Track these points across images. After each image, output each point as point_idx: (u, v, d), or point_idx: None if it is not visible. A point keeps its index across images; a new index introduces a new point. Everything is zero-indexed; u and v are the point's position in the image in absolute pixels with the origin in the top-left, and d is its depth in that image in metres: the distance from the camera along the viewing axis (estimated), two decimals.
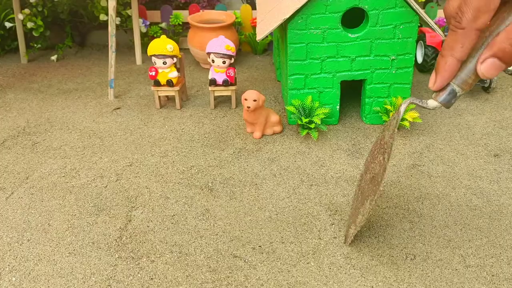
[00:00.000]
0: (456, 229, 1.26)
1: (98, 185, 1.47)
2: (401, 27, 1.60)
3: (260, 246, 1.21)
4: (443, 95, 0.78)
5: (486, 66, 0.64)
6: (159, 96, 1.92)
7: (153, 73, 1.86)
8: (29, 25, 2.33)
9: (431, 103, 0.84)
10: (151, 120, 1.86)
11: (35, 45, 2.47)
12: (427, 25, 1.61)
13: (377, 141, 1.14)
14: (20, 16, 2.30)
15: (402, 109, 0.98)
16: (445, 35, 2.12)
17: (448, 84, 0.75)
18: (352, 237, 1.17)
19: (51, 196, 1.42)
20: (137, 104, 1.99)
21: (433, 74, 0.75)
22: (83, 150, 1.66)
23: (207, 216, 1.32)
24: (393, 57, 1.65)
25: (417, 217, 1.31)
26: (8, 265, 1.17)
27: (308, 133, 1.68)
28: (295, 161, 1.56)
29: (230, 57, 1.83)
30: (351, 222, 1.18)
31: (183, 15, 2.51)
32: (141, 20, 2.42)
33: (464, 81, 0.73)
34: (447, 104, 0.81)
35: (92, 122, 1.85)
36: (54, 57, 2.48)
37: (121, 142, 1.71)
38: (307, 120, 1.63)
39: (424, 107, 0.88)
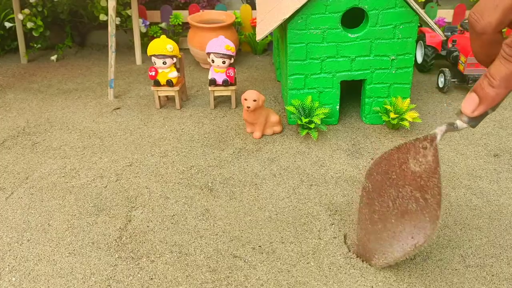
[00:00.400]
0: (456, 229, 1.26)
1: (98, 185, 1.47)
2: (401, 27, 1.60)
3: (260, 246, 1.21)
4: (476, 119, 0.75)
5: None
6: (159, 96, 1.92)
7: (153, 73, 1.86)
8: (29, 25, 2.33)
9: (460, 125, 0.81)
10: (151, 120, 1.86)
11: (35, 45, 2.47)
12: (427, 25, 1.61)
13: (389, 159, 1.03)
14: (20, 16, 2.30)
15: (438, 139, 0.92)
16: (445, 36, 2.12)
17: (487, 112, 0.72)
18: (380, 267, 1.12)
19: (51, 196, 1.42)
20: (137, 104, 1.99)
21: (473, 100, 0.70)
22: (83, 150, 1.66)
23: (207, 216, 1.32)
24: (393, 57, 1.65)
25: None
26: (8, 265, 1.17)
27: (308, 133, 1.68)
28: (295, 161, 1.57)
29: (230, 57, 1.83)
30: (372, 248, 1.10)
31: (183, 15, 2.51)
32: (141, 20, 2.42)
33: (498, 104, 0.70)
34: (475, 125, 0.78)
35: (92, 122, 1.85)
36: (54, 57, 2.48)
37: (121, 142, 1.71)
38: (307, 120, 1.63)
39: (454, 131, 0.85)
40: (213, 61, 1.84)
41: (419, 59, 2.21)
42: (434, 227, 0.95)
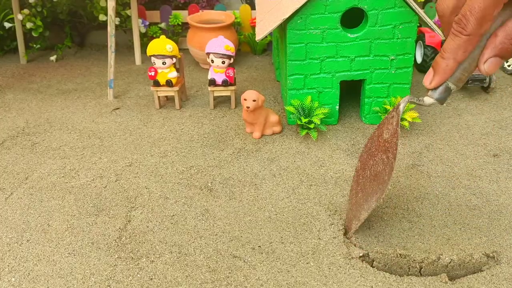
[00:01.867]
0: (455, 229, 1.26)
1: (98, 186, 1.47)
2: (401, 27, 1.60)
3: (259, 246, 1.21)
4: (439, 93, 0.84)
5: (489, 65, 0.70)
6: (158, 96, 1.92)
7: (153, 73, 1.86)
8: (29, 25, 2.33)
9: (427, 100, 0.88)
10: (150, 120, 1.86)
11: (35, 45, 2.47)
12: (426, 25, 1.61)
13: (372, 137, 1.16)
14: (20, 16, 2.30)
15: (401, 107, 1.02)
16: (445, 35, 2.13)
17: (447, 83, 0.81)
18: (354, 231, 1.21)
19: (51, 196, 1.42)
20: (137, 104, 1.99)
21: (430, 73, 0.79)
22: (83, 150, 1.66)
23: (206, 216, 1.32)
24: (393, 57, 1.65)
25: (416, 217, 1.31)
26: (8, 266, 1.17)
27: (307, 133, 1.68)
28: (294, 161, 1.57)
29: (229, 57, 1.83)
30: (352, 216, 1.22)
31: (183, 15, 2.51)
32: (140, 20, 2.42)
33: (458, 79, 0.78)
34: (442, 101, 0.86)
35: (91, 122, 1.85)
36: (53, 58, 2.47)
37: (121, 142, 1.71)
38: (306, 120, 1.63)
39: (421, 105, 0.92)
40: (212, 61, 1.84)
41: (419, 59, 2.21)
42: (389, 177, 1.05)
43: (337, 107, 1.75)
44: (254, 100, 1.60)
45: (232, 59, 1.85)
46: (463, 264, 1.14)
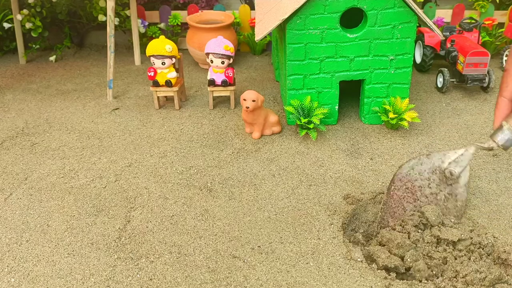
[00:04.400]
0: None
1: (97, 186, 1.47)
2: (400, 27, 1.60)
3: (259, 247, 1.21)
4: (498, 135, 0.91)
5: None
6: (158, 97, 1.92)
7: (152, 74, 1.86)
8: (28, 25, 2.33)
9: (491, 143, 0.94)
10: (150, 120, 1.85)
11: (34, 45, 2.47)
12: (426, 25, 1.61)
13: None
14: (19, 17, 2.30)
15: (470, 153, 1.12)
16: (444, 35, 2.13)
17: (502, 124, 0.87)
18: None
19: (50, 197, 1.42)
20: (136, 104, 1.99)
21: None
22: (82, 150, 1.66)
23: (206, 217, 1.32)
24: (392, 57, 1.65)
25: None
26: (7, 266, 1.17)
27: (307, 133, 1.68)
28: (294, 161, 1.57)
29: (228, 57, 1.83)
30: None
31: (182, 15, 2.51)
32: (139, 21, 2.42)
33: None
34: (504, 144, 0.92)
35: (91, 122, 1.85)
36: (52, 58, 2.47)
37: (120, 142, 1.71)
38: (306, 120, 1.63)
39: (488, 149, 0.99)
40: (212, 61, 1.84)
41: (418, 59, 2.21)
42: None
43: (337, 107, 1.75)
44: (253, 100, 1.60)
45: (231, 59, 1.85)
46: None
